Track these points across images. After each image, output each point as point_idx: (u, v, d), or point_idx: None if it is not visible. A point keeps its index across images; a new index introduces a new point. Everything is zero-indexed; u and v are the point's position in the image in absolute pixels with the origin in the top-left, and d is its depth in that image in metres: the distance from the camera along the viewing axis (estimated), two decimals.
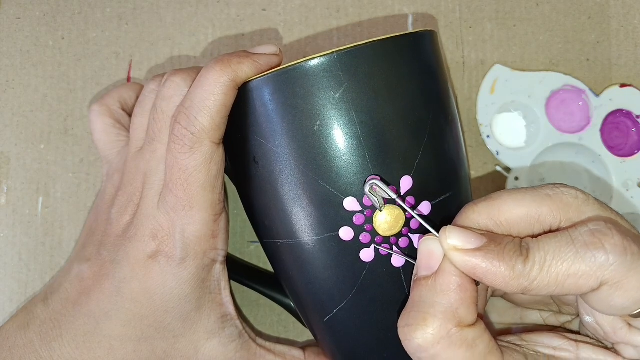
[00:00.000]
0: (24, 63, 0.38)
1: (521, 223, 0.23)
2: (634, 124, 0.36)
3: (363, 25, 0.37)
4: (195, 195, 0.27)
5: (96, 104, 0.32)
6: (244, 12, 0.38)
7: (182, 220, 0.27)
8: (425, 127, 0.26)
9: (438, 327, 0.22)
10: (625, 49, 0.37)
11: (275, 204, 0.27)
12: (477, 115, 0.36)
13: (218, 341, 0.29)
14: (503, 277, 0.22)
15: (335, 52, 0.25)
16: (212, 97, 0.26)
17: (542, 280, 0.21)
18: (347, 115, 0.25)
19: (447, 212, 0.26)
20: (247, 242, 0.36)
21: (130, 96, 0.32)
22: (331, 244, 0.26)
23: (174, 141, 0.27)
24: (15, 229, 0.36)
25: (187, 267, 0.27)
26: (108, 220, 0.29)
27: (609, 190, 0.36)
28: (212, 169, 0.27)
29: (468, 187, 0.29)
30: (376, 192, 0.25)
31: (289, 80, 0.25)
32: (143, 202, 0.28)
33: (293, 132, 0.25)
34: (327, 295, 0.27)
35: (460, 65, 0.37)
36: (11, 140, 0.37)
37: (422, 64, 0.27)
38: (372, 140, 0.25)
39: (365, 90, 0.25)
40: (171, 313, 0.28)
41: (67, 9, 0.38)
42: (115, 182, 0.30)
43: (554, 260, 0.21)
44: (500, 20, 0.37)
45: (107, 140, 0.31)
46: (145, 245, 0.27)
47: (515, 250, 0.22)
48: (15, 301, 0.36)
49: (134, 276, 0.27)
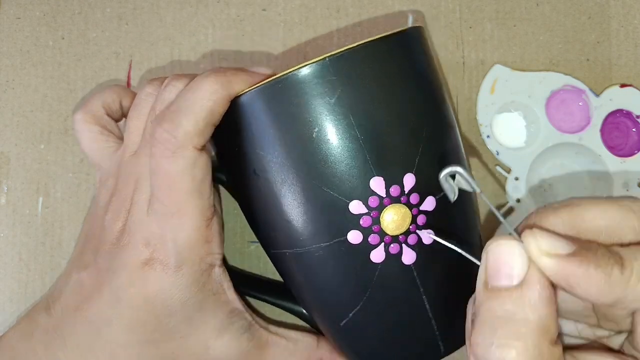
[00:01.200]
0: (24, 63, 0.38)
1: (601, 235, 0.21)
2: (634, 124, 0.36)
3: (363, 25, 0.37)
4: (183, 202, 0.26)
5: (79, 112, 0.31)
6: (244, 12, 0.38)
7: (173, 229, 0.26)
8: (423, 122, 0.26)
9: (533, 346, 0.20)
10: (625, 49, 0.37)
11: (280, 214, 0.26)
12: (477, 115, 0.36)
13: (229, 336, 0.29)
14: (598, 285, 0.20)
15: (327, 57, 0.25)
16: (199, 101, 0.26)
17: (637, 290, 0.20)
18: (344, 119, 0.25)
19: (454, 206, 0.26)
20: (247, 242, 0.36)
21: (113, 100, 0.32)
22: (340, 249, 0.26)
23: (155, 145, 0.26)
24: (15, 229, 0.36)
25: (185, 275, 0.27)
26: (102, 226, 0.29)
27: (609, 190, 0.36)
28: (197, 174, 0.26)
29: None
30: (454, 181, 0.23)
31: (283, 90, 0.25)
32: (133, 209, 0.27)
33: (292, 141, 0.25)
34: (341, 300, 0.27)
35: (460, 65, 0.37)
36: (11, 140, 0.37)
37: (413, 60, 0.27)
38: (372, 142, 0.25)
39: (360, 93, 0.25)
40: (175, 316, 0.27)
41: (67, 9, 0.38)
42: (109, 188, 0.29)
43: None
44: (500, 20, 0.37)
45: (96, 147, 0.31)
46: (139, 253, 0.27)
47: (609, 257, 0.20)
48: (15, 301, 0.36)
49: (131, 284, 0.27)
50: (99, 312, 0.27)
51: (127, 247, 0.27)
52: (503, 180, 0.36)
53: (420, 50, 0.27)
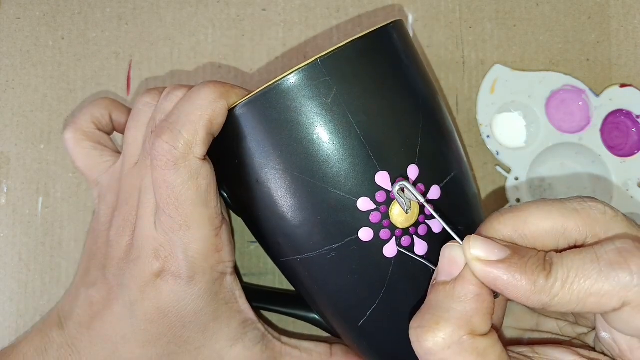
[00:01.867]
0: (24, 63, 0.38)
1: (546, 236, 0.23)
2: (634, 124, 0.36)
3: (363, 25, 0.37)
4: (190, 214, 0.26)
5: (69, 130, 0.30)
6: (244, 12, 0.38)
7: (182, 240, 0.26)
8: (419, 112, 0.26)
9: (450, 333, 0.21)
10: (625, 49, 0.37)
11: (287, 221, 0.26)
12: (477, 115, 0.36)
13: (242, 346, 0.29)
14: (524, 291, 0.21)
15: (318, 58, 0.25)
16: (198, 111, 0.25)
17: (563, 297, 0.21)
18: (343, 118, 0.25)
19: (457, 192, 0.27)
20: (247, 242, 0.36)
21: (102, 114, 0.31)
22: (353, 247, 0.26)
23: (156, 157, 0.26)
24: (15, 229, 0.36)
25: (197, 284, 0.27)
26: (107, 242, 0.28)
27: (609, 190, 0.36)
28: (201, 184, 0.26)
29: (467, 163, 0.29)
30: (404, 194, 0.25)
31: (279, 96, 0.25)
32: (140, 222, 0.27)
33: (293, 146, 0.25)
34: (358, 299, 0.27)
35: (460, 65, 0.37)
36: (11, 140, 0.37)
37: (401, 52, 0.27)
38: (373, 137, 0.25)
39: (355, 90, 0.25)
40: (189, 327, 0.27)
41: (67, 9, 0.38)
42: (109, 202, 0.29)
43: (576, 278, 0.21)
44: (500, 20, 0.37)
45: (91, 164, 0.30)
46: (150, 267, 0.27)
47: (538, 265, 0.21)
48: (15, 301, 0.36)
49: (145, 297, 0.27)
50: (113, 328, 0.27)
51: (137, 261, 0.27)
52: (503, 180, 0.36)
53: (405, 42, 0.28)
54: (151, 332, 0.27)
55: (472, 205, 0.28)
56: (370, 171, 0.25)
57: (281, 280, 0.36)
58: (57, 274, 0.36)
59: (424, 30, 0.37)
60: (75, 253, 0.36)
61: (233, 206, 0.30)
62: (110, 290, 0.27)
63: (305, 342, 0.31)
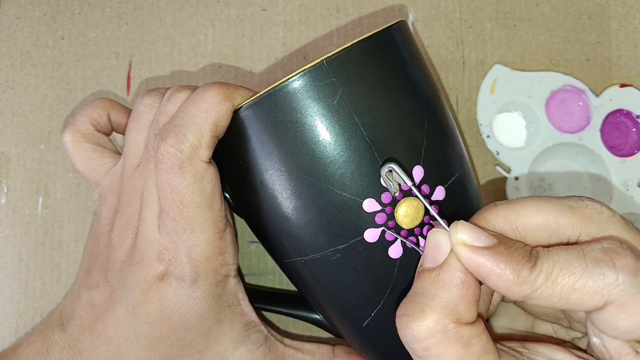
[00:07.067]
0: (24, 63, 0.38)
1: (538, 231, 0.23)
2: (634, 124, 0.36)
3: (363, 25, 0.37)
4: (194, 217, 0.26)
5: (67, 132, 0.30)
6: (244, 12, 0.38)
7: (186, 243, 0.26)
8: (423, 113, 0.26)
9: (435, 321, 0.21)
10: (625, 49, 0.37)
11: (292, 222, 0.26)
12: (477, 115, 0.36)
13: (245, 348, 0.29)
14: (506, 281, 0.21)
15: (324, 59, 0.25)
16: (203, 114, 0.25)
17: (545, 290, 0.21)
18: (348, 119, 0.25)
19: (460, 193, 0.27)
20: (247, 242, 0.36)
21: (100, 115, 0.31)
22: (358, 249, 0.26)
23: (161, 161, 0.25)
24: (15, 229, 0.36)
25: (200, 287, 0.27)
26: (109, 245, 0.28)
27: (609, 190, 0.36)
28: (206, 187, 0.26)
29: (470, 164, 0.29)
30: (392, 176, 0.25)
31: (285, 97, 0.25)
32: (142, 225, 0.27)
33: (299, 147, 0.25)
34: (362, 300, 0.27)
35: (460, 65, 0.37)
36: (11, 140, 0.37)
37: (405, 53, 0.27)
38: (378, 139, 0.25)
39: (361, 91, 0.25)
40: (192, 330, 0.27)
41: (67, 9, 0.38)
42: (110, 204, 0.29)
43: (561, 272, 0.21)
44: (500, 20, 0.37)
45: (91, 166, 0.30)
46: (153, 269, 0.26)
47: (523, 256, 0.21)
48: (15, 301, 0.36)
49: (148, 300, 0.27)
50: (116, 330, 0.27)
51: (140, 264, 0.27)
52: (503, 180, 0.36)
53: (409, 42, 0.28)
54: (154, 335, 0.27)
55: (475, 205, 0.29)
56: (376, 172, 0.25)
57: (281, 280, 0.36)
58: (57, 274, 0.36)
59: (424, 30, 0.37)
60: (75, 253, 0.36)
61: (236, 207, 0.30)
62: (113, 293, 0.27)
63: (308, 343, 0.31)
